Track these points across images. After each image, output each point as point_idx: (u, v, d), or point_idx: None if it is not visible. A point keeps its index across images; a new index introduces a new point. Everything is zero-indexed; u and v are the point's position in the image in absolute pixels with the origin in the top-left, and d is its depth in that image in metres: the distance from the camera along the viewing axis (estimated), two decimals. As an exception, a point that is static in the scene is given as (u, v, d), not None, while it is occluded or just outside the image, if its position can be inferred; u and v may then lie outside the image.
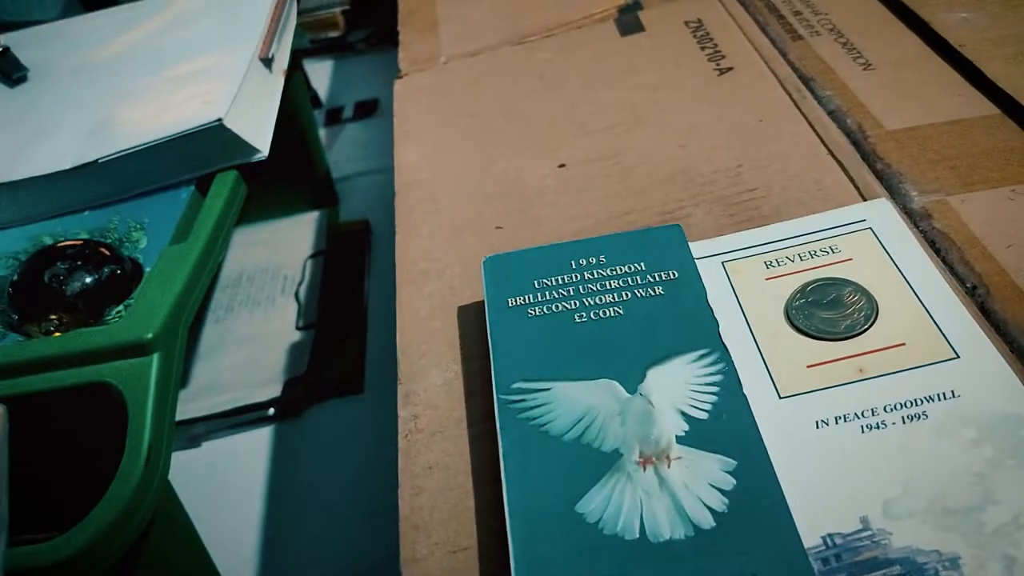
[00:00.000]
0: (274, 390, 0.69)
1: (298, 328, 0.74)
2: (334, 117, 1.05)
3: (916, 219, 0.38)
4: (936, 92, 0.45)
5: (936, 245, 0.37)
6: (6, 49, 0.64)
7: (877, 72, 0.48)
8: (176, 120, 0.55)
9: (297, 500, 0.62)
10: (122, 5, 0.74)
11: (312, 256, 0.82)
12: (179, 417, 0.68)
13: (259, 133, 0.59)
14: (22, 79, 0.64)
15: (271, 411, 0.68)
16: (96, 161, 0.53)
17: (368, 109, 1.04)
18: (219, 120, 0.53)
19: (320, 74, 1.13)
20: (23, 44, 0.66)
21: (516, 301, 0.37)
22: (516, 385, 0.33)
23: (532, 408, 0.33)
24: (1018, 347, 0.32)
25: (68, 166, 0.53)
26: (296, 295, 0.78)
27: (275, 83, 0.66)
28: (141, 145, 0.53)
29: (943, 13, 0.50)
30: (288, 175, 0.86)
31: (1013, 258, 0.35)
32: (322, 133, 1.02)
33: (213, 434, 0.67)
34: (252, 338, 0.74)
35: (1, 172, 0.53)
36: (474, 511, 0.32)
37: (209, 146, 0.55)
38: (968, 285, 0.35)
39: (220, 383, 0.70)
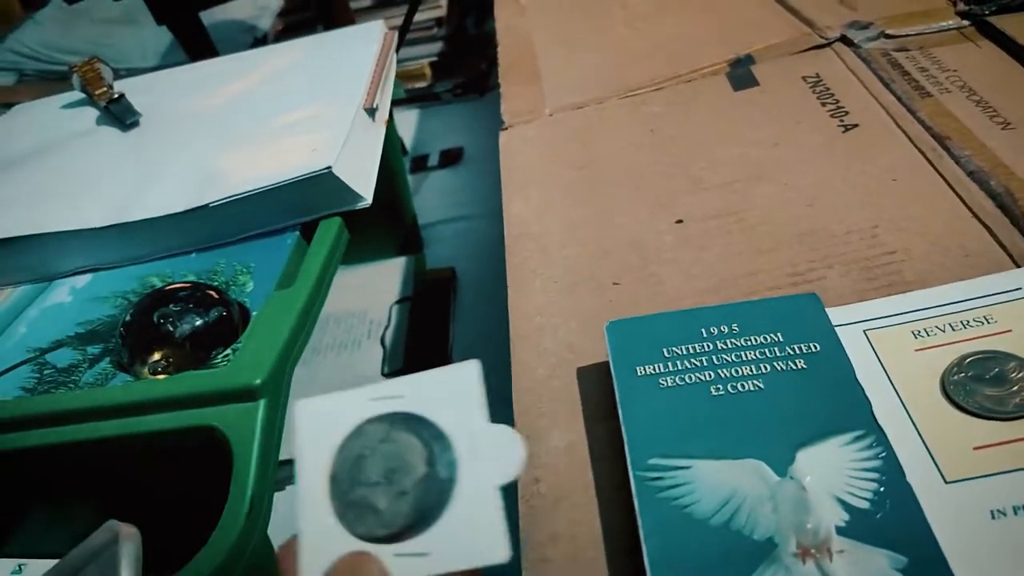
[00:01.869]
0: (360, 438, 0.68)
1: (383, 374, 0.74)
2: (419, 164, 1.06)
3: (1081, 290, 0.36)
4: (1087, 154, 0.43)
5: (1107, 319, 0.34)
6: (121, 95, 0.66)
7: (1017, 131, 0.45)
8: (286, 167, 0.55)
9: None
10: (229, 55, 0.77)
11: (398, 302, 0.82)
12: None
13: (363, 181, 0.59)
14: (135, 124, 0.66)
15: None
16: (207, 205, 0.54)
17: (453, 157, 1.05)
18: (328, 168, 0.54)
19: (406, 123, 1.15)
20: (135, 90, 0.68)
21: (645, 370, 0.35)
22: (653, 461, 0.32)
23: (672, 487, 0.31)
24: None
25: (180, 209, 0.53)
26: (382, 340, 0.78)
27: (378, 132, 0.67)
28: (252, 191, 0.54)
29: (1085, 70, 0.47)
30: (378, 221, 0.87)
31: None
32: (409, 180, 1.03)
33: (298, 480, 0.66)
34: (338, 382, 0.74)
35: (115, 213, 0.54)
36: (606, 587, 0.30)
37: (316, 193, 0.56)
38: None
39: (307, 428, 0.70)
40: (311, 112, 0.63)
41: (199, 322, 0.48)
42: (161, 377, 0.46)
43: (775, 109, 0.52)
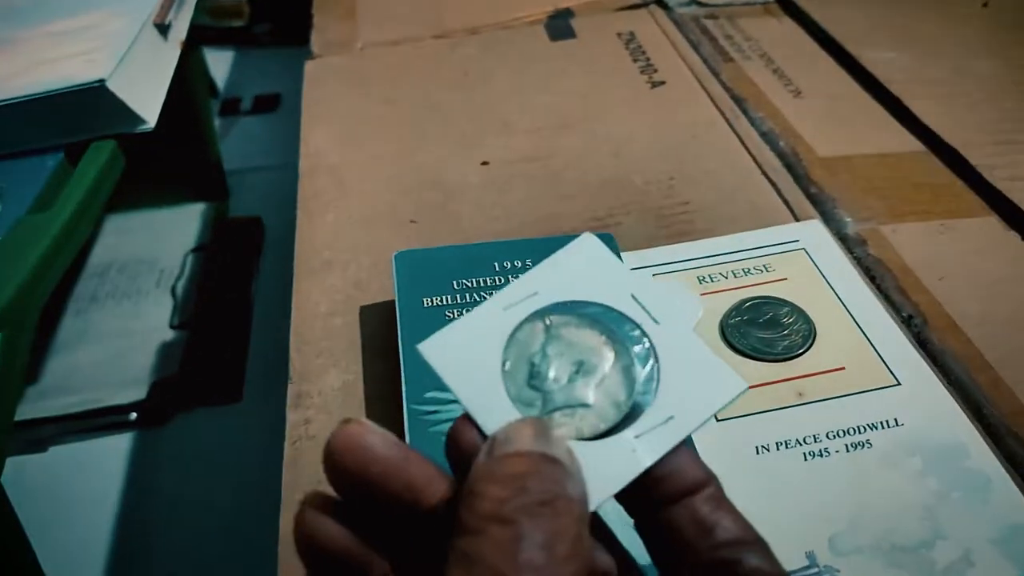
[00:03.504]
0: (138, 392, 0.61)
1: (172, 327, 0.67)
2: (231, 108, 0.98)
3: (850, 245, 0.37)
4: (866, 124, 0.45)
5: (871, 272, 0.36)
6: None
7: (808, 100, 0.47)
8: (51, 76, 0.48)
9: (154, 517, 0.54)
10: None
11: (194, 250, 0.75)
12: (25, 416, 0.60)
13: (147, 102, 0.53)
14: None
15: (132, 416, 0.60)
16: (-53, 112, 0.46)
17: (268, 104, 0.98)
18: (101, 81, 0.47)
19: (220, 63, 1.06)
20: None
21: (432, 301, 0.33)
22: (430, 395, 0.29)
23: (448, 421, 0.29)
24: (956, 379, 0.31)
25: (-90, 113, 0.45)
26: (173, 290, 0.71)
27: (170, 53, 0.60)
28: (6, 100, 0.47)
29: (870, 52, 0.50)
30: (175, 161, 0.79)
31: (946, 290, 0.35)
32: (217, 123, 0.95)
33: (63, 438, 0.59)
34: (118, 334, 0.66)
35: None
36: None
37: (87, 109, 0.49)
38: (904, 314, 0.34)
39: (75, 381, 0.62)
40: (91, 21, 0.56)
41: (-77, 243, 0.41)
42: None
43: (589, 62, 0.52)
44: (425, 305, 0.33)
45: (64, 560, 0.52)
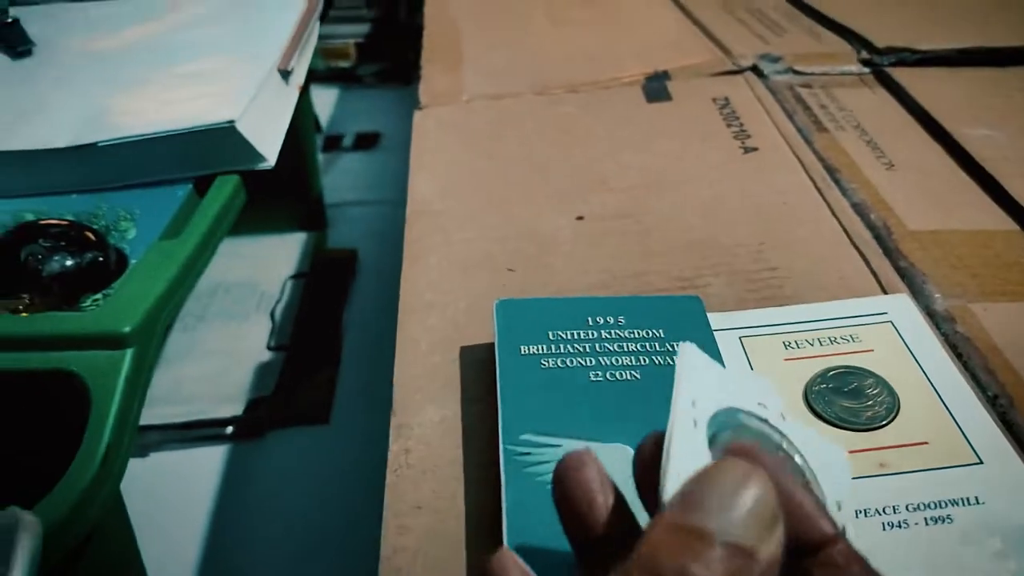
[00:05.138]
0: (236, 408, 0.65)
1: (269, 348, 0.71)
2: (333, 144, 1.04)
3: (938, 321, 0.38)
4: (959, 200, 0.46)
5: (958, 349, 0.36)
6: (15, 20, 0.62)
7: (900, 173, 0.48)
8: (185, 116, 0.53)
9: (244, 526, 0.58)
10: (143, -4, 0.73)
11: (293, 277, 0.80)
12: (133, 423, 0.64)
13: (268, 142, 0.57)
14: (26, 53, 0.62)
15: (229, 429, 0.64)
16: (95, 144, 0.51)
17: (369, 142, 1.03)
18: (232, 122, 0.52)
19: (325, 101, 1.12)
20: (33, 20, 0.64)
21: (529, 350, 0.35)
22: (525, 437, 0.32)
23: (539, 463, 0.31)
24: (1040, 462, 0.31)
25: (62, 144, 0.50)
26: (272, 314, 0.75)
27: (290, 96, 0.65)
28: (145, 135, 0.51)
29: (966, 128, 0.51)
30: (281, 192, 0.84)
31: (1034, 372, 0.35)
32: (320, 159, 1.01)
33: (164, 445, 0.63)
34: (220, 352, 0.71)
35: (-8, 140, 0.51)
36: (464, 562, 0.30)
37: (215, 147, 0.54)
38: (990, 394, 0.34)
39: (180, 394, 0.67)
40: (221, 64, 0.61)
41: (70, 262, 0.46)
42: (23, 315, 0.43)
43: (683, 124, 0.54)
44: (522, 353, 0.35)
45: (157, 560, 0.55)
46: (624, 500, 0.21)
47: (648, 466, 0.21)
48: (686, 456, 0.20)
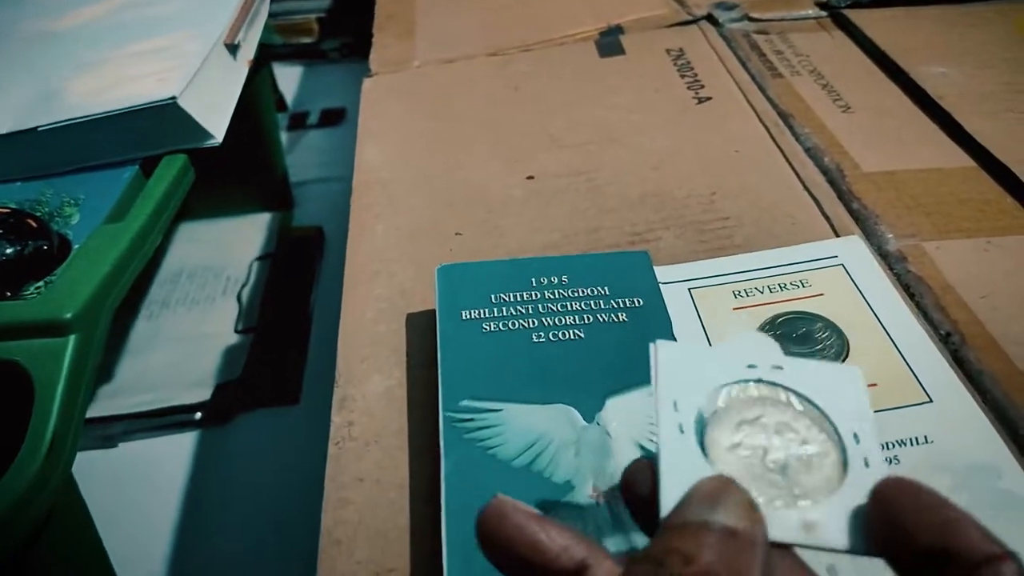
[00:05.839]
0: (203, 394, 0.64)
1: (236, 331, 0.70)
2: (298, 122, 1.02)
3: (891, 261, 0.37)
4: (914, 140, 0.45)
5: (910, 289, 0.36)
6: (-47, 6, 0.60)
7: (856, 115, 0.47)
8: (127, 95, 0.51)
9: (215, 512, 0.57)
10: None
11: (260, 258, 0.78)
12: (98, 414, 0.64)
13: (215, 118, 0.56)
14: (-33, 39, 0.60)
15: (197, 415, 0.63)
16: (35, 129, 0.49)
17: (334, 117, 1.02)
18: (173, 98, 0.50)
19: (289, 79, 1.10)
20: (-26, 3, 0.62)
21: (470, 314, 0.34)
22: (464, 403, 0.31)
23: (480, 429, 0.30)
24: (992, 398, 0.31)
25: (3, 131, 0.49)
26: (238, 297, 0.74)
27: (238, 72, 0.63)
28: (86, 117, 0.50)
29: (923, 67, 0.50)
30: (243, 173, 0.83)
31: (987, 309, 0.34)
32: (285, 137, 0.99)
33: (132, 435, 0.63)
34: (186, 337, 0.70)
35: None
36: (408, 531, 0.29)
37: (159, 125, 0.52)
38: (942, 332, 0.34)
39: (146, 382, 0.66)
40: (167, 42, 0.59)
41: (9, 250, 0.44)
42: (-40, 307, 0.42)
43: (637, 78, 0.53)
44: (463, 318, 0.34)
45: (129, 550, 0.55)
46: (554, 523, 0.20)
47: (635, 487, 0.20)
48: (678, 469, 0.19)
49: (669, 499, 0.19)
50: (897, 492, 0.18)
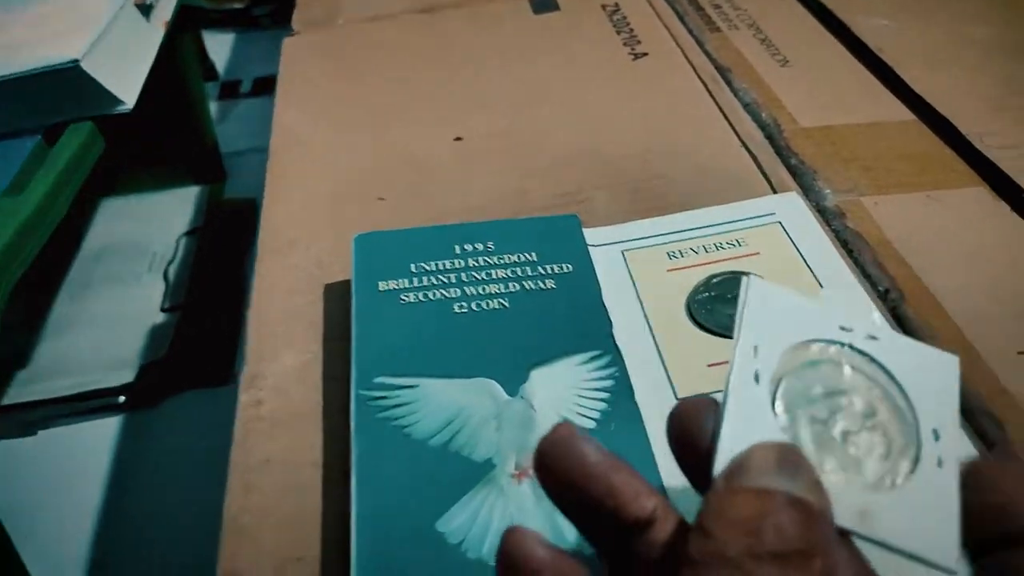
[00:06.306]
0: (127, 376, 0.61)
1: (163, 310, 0.67)
2: (230, 91, 0.98)
3: (829, 217, 0.36)
4: (853, 93, 0.44)
5: (849, 245, 0.34)
6: None
7: (795, 69, 0.46)
8: (26, 59, 0.48)
9: (142, 501, 0.54)
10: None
11: (188, 233, 0.75)
12: (15, 400, 0.60)
13: (125, 83, 0.52)
14: None
15: (121, 399, 0.60)
16: (-80, 95, 0.45)
17: (268, 86, 0.97)
18: (75, 61, 0.47)
19: (220, 46, 1.06)
20: None
21: (388, 285, 0.32)
22: (379, 380, 0.29)
23: (395, 407, 0.28)
24: (930, 356, 0.30)
25: None
26: (165, 274, 0.71)
27: (153, 34, 0.59)
28: (-22, 82, 0.46)
29: (863, 18, 0.48)
30: (169, 144, 0.79)
31: (927, 264, 0.33)
32: (216, 106, 0.95)
33: (53, 421, 0.59)
34: (109, 318, 0.66)
35: None
36: (320, 515, 0.27)
37: (63, 91, 0.49)
38: (881, 288, 0.32)
39: (66, 365, 0.62)
40: (69, 3, 0.55)
41: None
42: None
43: (571, 34, 0.51)
44: (380, 289, 0.32)
45: (51, 542, 0.52)
46: (625, 463, 0.18)
47: (688, 427, 0.18)
48: (744, 420, 0.17)
49: (728, 449, 0.17)
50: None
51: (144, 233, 0.75)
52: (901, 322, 0.31)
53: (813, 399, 0.18)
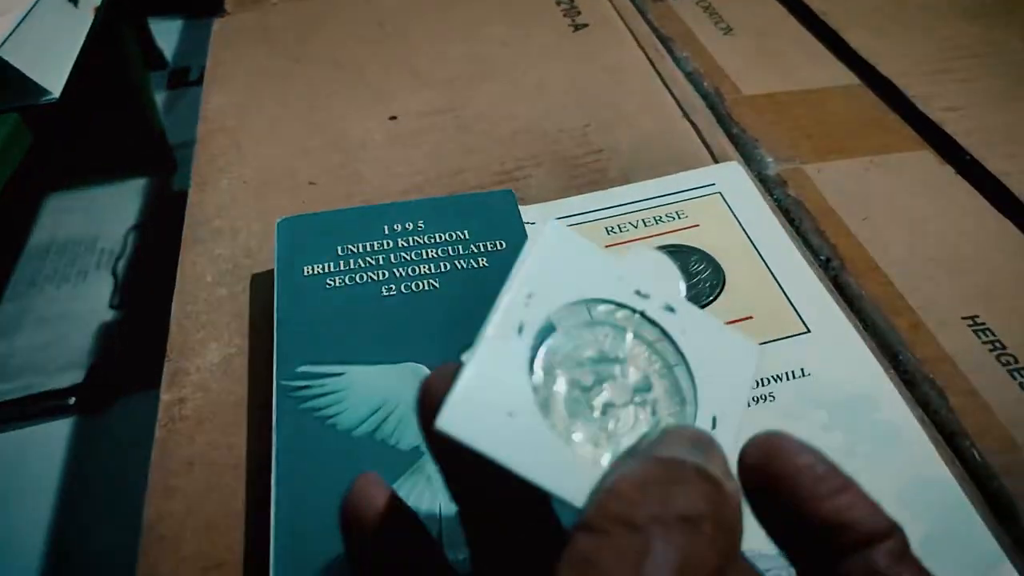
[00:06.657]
0: (77, 376, 0.60)
1: (112, 307, 0.65)
2: (179, 79, 0.95)
3: (770, 186, 0.35)
4: (797, 59, 0.43)
5: (790, 215, 0.33)
6: None
7: (738, 37, 0.45)
8: (-58, 50, 0.45)
9: (94, 507, 0.53)
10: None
11: (136, 227, 0.73)
12: (-43, 406, 0.58)
13: (50, 72, 0.50)
14: None
15: (71, 400, 0.58)
16: None
17: (218, 72, 0.95)
18: (-9, 51, 0.45)
19: (168, 34, 1.03)
20: None
21: (313, 269, 0.31)
22: (301, 369, 0.27)
23: (318, 396, 0.27)
24: (872, 324, 0.29)
25: None
26: (113, 270, 0.69)
27: (80, 20, 0.57)
28: None
29: (807, -19, 0.47)
30: (113, 135, 0.76)
31: (869, 231, 0.32)
32: (165, 95, 0.92)
33: (0, 426, 0.58)
34: (56, 317, 0.65)
35: None
36: (242, 518, 0.26)
37: (-19, 82, 0.47)
38: (822, 257, 0.32)
39: (11, 367, 0.60)
40: (-9, -9, 0.53)
41: None
42: None
43: (509, 7, 0.49)
44: (305, 274, 0.30)
45: (2, 548, 0.50)
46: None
47: (426, 399, 0.16)
48: (490, 369, 0.15)
49: (461, 400, 0.15)
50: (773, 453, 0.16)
51: (92, 228, 0.73)
52: (842, 291, 0.30)
53: (581, 362, 0.16)
